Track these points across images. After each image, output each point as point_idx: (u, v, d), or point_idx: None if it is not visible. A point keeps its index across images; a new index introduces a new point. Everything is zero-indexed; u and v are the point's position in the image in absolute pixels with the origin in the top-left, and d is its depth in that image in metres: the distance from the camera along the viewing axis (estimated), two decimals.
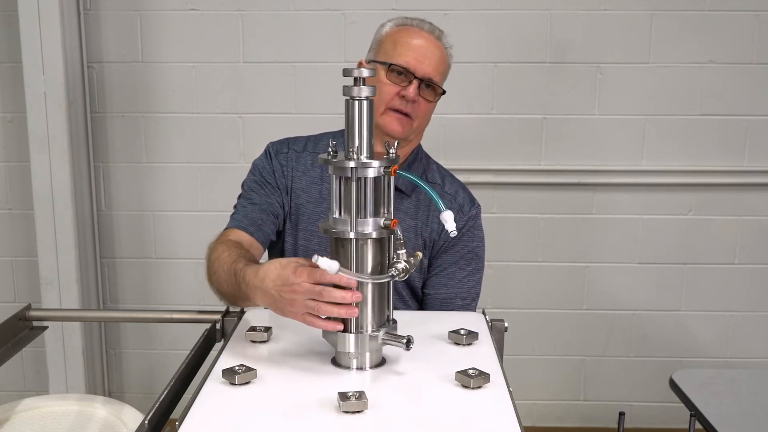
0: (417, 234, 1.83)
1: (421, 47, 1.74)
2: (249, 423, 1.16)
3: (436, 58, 1.75)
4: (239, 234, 1.73)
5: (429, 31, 1.77)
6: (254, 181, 1.84)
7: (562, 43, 3.05)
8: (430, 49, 1.75)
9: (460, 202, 1.86)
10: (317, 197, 1.82)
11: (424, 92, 1.74)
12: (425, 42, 1.75)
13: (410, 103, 1.72)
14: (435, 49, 1.76)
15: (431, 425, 1.16)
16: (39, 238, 3.04)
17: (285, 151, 1.86)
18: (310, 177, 1.83)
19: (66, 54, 2.93)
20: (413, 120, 1.74)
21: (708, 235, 3.17)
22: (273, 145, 1.88)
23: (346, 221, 1.31)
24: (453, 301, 1.84)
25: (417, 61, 1.72)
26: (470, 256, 1.85)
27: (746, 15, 3.01)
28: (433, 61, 1.74)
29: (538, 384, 3.30)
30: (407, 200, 1.83)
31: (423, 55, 1.73)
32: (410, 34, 1.76)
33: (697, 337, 3.25)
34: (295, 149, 1.86)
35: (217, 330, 1.63)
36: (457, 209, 1.83)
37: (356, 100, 1.31)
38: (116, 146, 3.18)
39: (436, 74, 1.75)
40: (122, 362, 3.37)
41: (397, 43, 1.75)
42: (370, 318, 1.34)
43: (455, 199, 1.85)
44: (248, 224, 1.76)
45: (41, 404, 1.70)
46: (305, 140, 1.89)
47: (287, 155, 1.85)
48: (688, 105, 3.08)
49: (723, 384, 2.15)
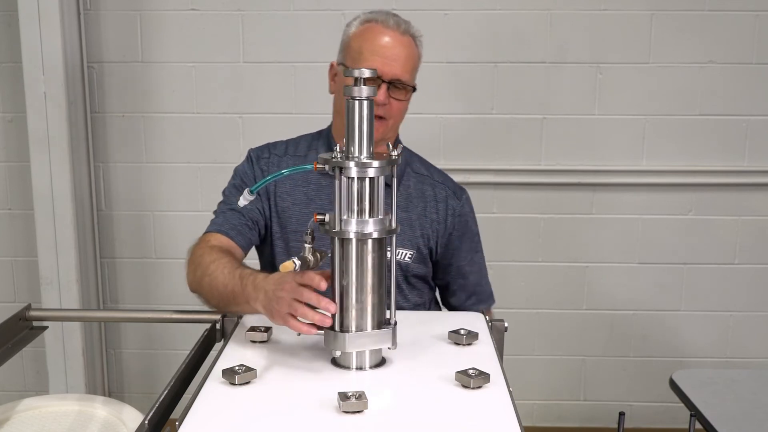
0: (412, 226, 1.83)
1: (387, 48, 1.72)
2: (249, 423, 1.17)
3: (402, 57, 1.73)
4: (220, 238, 1.74)
5: (394, 27, 1.75)
6: (234, 185, 1.85)
7: (562, 43, 3.05)
8: (396, 49, 1.73)
9: (452, 188, 1.90)
10: (304, 199, 1.82)
11: (395, 93, 1.74)
12: (390, 41, 1.73)
13: (382, 106, 1.72)
14: (401, 47, 1.74)
15: (431, 425, 1.16)
16: (39, 238, 3.04)
17: (266, 156, 1.87)
18: (293, 180, 1.83)
19: (66, 54, 2.93)
20: (388, 120, 1.76)
21: (708, 235, 3.17)
22: (254, 151, 1.89)
23: (346, 221, 1.32)
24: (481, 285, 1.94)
25: (383, 65, 1.70)
26: (477, 238, 1.94)
27: (746, 15, 3.01)
28: (400, 61, 1.73)
29: (538, 384, 3.30)
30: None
31: (389, 57, 1.72)
32: (375, 35, 1.74)
33: (697, 337, 3.25)
34: (276, 153, 1.87)
35: (217, 330, 1.63)
36: (452, 195, 1.87)
37: (356, 100, 1.31)
38: (116, 146, 3.18)
39: (404, 73, 1.74)
40: (122, 362, 3.37)
41: (363, 48, 1.73)
42: (370, 318, 1.34)
43: (447, 187, 1.88)
44: (229, 228, 1.76)
45: (41, 404, 1.70)
46: (285, 144, 1.90)
47: (269, 160, 1.86)
48: (688, 105, 3.08)
49: (723, 384, 2.15)
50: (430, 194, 1.86)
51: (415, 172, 1.88)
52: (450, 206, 1.87)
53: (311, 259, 1.34)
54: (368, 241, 1.32)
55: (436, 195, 1.86)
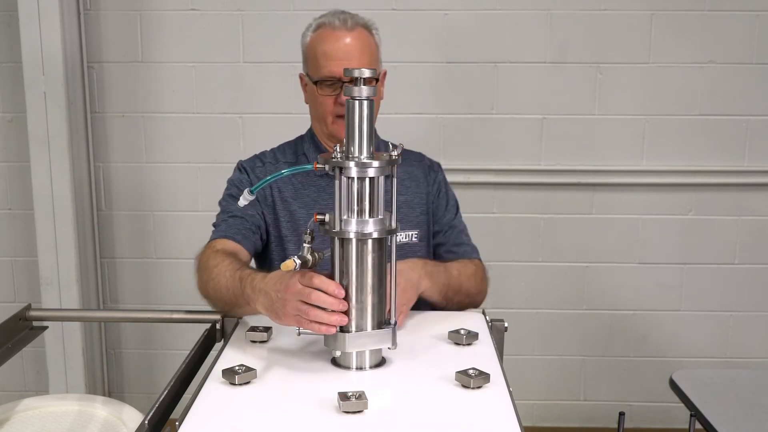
0: (410, 206, 1.88)
1: (340, 49, 1.76)
2: (249, 423, 1.17)
3: (357, 52, 1.76)
4: (225, 243, 1.74)
5: (342, 26, 1.77)
6: (231, 195, 1.86)
7: (562, 43, 3.05)
8: (348, 47, 1.76)
9: (428, 162, 1.98)
10: (309, 201, 1.84)
11: None
12: (342, 40, 1.76)
13: None
14: (354, 42, 1.76)
15: (431, 425, 1.16)
16: (39, 238, 3.04)
17: (260, 165, 1.89)
18: (293, 185, 1.85)
19: (66, 54, 2.93)
20: None
21: (708, 235, 3.17)
22: (245, 162, 1.92)
23: (346, 221, 1.32)
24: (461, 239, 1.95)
25: (339, 65, 1.70)
26: (453, 201, 1.98)
27: (746, 15, 3.01)
28: (355, 55, 1.75)
29: (538, 384, 3.30)
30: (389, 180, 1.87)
31: (343, 57, 1.75)
32: (325, 40, 1.78)
33: (697, 337, 3.25)
34: (270, 162, 1.90)
35: (217, 330, 1.63)
36: (429, 166, 1.96)
37: (356, 100, 1.31)
38: (116, 146, 3.18)
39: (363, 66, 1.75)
40: (122, 362, 3.37)
41: (317, 55, 1.77)
42: (370, 318, 1.34)
43: (423, 160, 1.98)
44: (234, 233, 1.77)
45: (41, 404, 1.70)
46: (272, 152, 1.93)
47: (264, 168, 1.88)
48: (687, 105, 3.08)
49: (723, 384, 2.14)
50: (416, 173, 1.93)
51: None
52: (431, 177, 1.95)
53: (310, 259, 1.35)
54: (368, 241, 1.32)
55: (420, 172, 1.94)
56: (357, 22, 1.79)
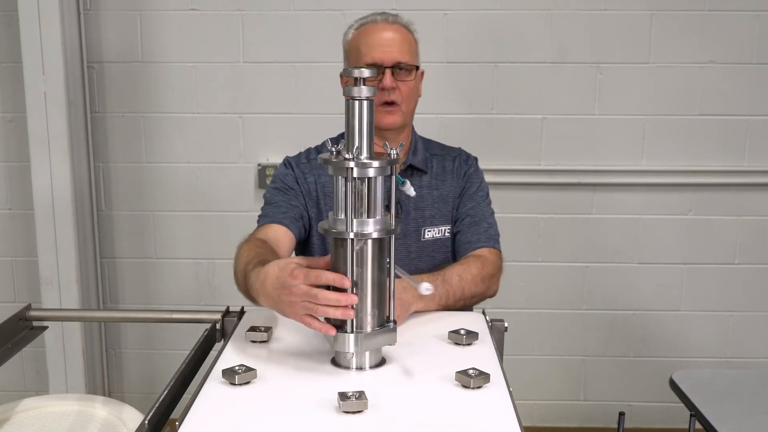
0: (444, 201, 1.95)
1: (382, 39, 1.84)
2: (249, 423, 1.16)
3: (398, 42, 1.84)
4: (267, 229, 1.79)
5: (384, 21, 1.87)
6: (276, 188, 1.92)
7: (562, 43, 3.05)
8: (390, 37, 1.84)
9: (464, 156, 2.04)
10: None
11: (400, 75, 1.84)
12: (384, 32, 1.85)
13: (391, 92, 1.82)
14: (395, 34, 1.85)
15: (431, 425, 1.16)
16: (39, 238, 3.04)
17: (305, 161, 1.95)
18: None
19: (66, 54, 2.93)
20: (400, 105, 1.85)
21: (708, 235, 3.17)
22: (291, 158, 1.98)
23: (346, 221, 1.32)
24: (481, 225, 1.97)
25: (382, 53, 1.82)
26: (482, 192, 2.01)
27: (746, 15, 3.01)
28: (396, 45, 1.84)
29: (538, 384, 3.30)
30: (425, 176, 1.96)
31: (385, 45, 1.83)
32: (368, 33, 1.86)
33: (697, 337, 3.25)
34: (314, 158, 1.95)
35: (217, 330, 1.63)
36: (464, 160, 2.02)
37: (356, 100, 1.31)
38: (116, 146, 3.18)
39: (404, 55, 1.84)
40: (122, 362, 3.37)
41: (360, 47, 1.85)
42: (370, 318, 1.34)
43: (460, 154, 2.04)
44: (282, 218, 1.83)
45: (41, 404, 1.70)
46: (315, 150, 1.99)
47: (309, 164, 1.94)
48: (687, 105, 3.08)
49: (723, 384, 2.15)
50: (450, 167, 1.99)
51: (435, 154, 2.01)
52: (461, 170, 2.00)
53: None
54: (368, 241, 1.32)
55: (453, 166, 2.00)
56: (397, 20, 1.89)
